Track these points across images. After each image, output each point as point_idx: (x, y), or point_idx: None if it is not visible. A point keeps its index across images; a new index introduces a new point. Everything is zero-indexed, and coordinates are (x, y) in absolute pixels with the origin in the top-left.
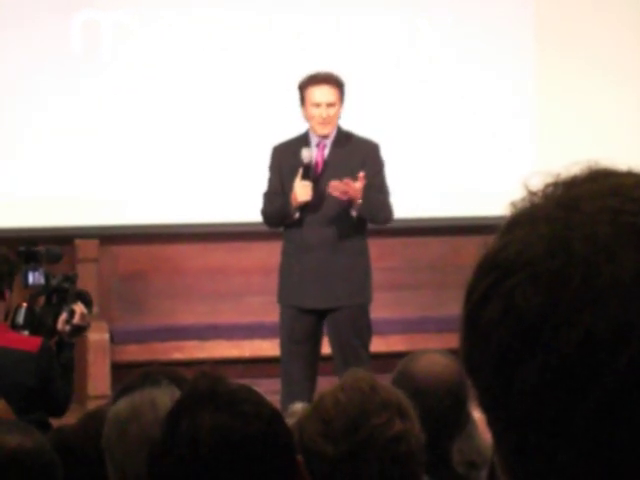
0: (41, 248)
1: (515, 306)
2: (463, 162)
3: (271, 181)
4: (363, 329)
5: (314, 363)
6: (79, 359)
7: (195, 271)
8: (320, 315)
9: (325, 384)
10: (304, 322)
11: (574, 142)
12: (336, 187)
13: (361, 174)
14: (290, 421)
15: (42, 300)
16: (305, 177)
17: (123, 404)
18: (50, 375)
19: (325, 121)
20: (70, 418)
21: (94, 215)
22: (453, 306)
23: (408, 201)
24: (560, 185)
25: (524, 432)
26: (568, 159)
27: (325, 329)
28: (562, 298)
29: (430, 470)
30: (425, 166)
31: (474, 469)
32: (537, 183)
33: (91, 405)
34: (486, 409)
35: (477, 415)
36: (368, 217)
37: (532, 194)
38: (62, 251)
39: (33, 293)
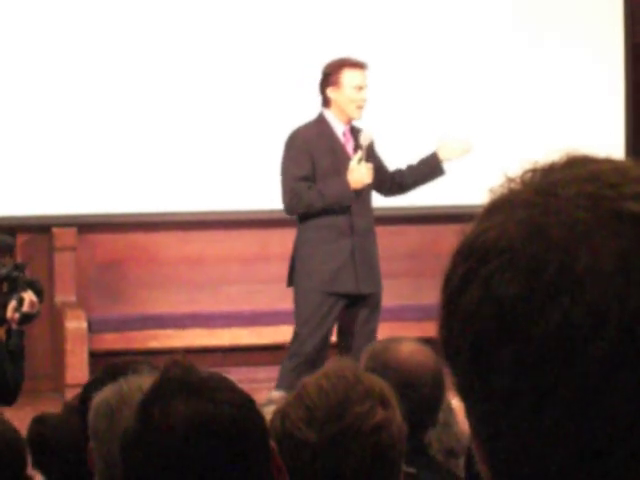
0: None
1: (492, 292)
2: None
3: (302, 166)
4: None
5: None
6: (57, 348)
7: (173, 260)
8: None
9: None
10: (341, 307)
11: (551, 132)
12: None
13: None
14: (268, 409)
15: None
16: (366, 159)
17: (110, 392)
18: None
19: (364, 105)
20: (49, 407)
21: (72, 204)
22: (431, 295)
23: None
24: (538, 171)
25: (501, 419)
26: (546, 147)
27: (348, 314)
28: (539, 284)
29: (409, 458)
30: (402, 155)
31: (453, 457)
32: (516, 170)
33: (69, 394)
34: (464, 396)
35: (455, 403)
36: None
37: (510, 180)
38: (40, 240)
39: None
